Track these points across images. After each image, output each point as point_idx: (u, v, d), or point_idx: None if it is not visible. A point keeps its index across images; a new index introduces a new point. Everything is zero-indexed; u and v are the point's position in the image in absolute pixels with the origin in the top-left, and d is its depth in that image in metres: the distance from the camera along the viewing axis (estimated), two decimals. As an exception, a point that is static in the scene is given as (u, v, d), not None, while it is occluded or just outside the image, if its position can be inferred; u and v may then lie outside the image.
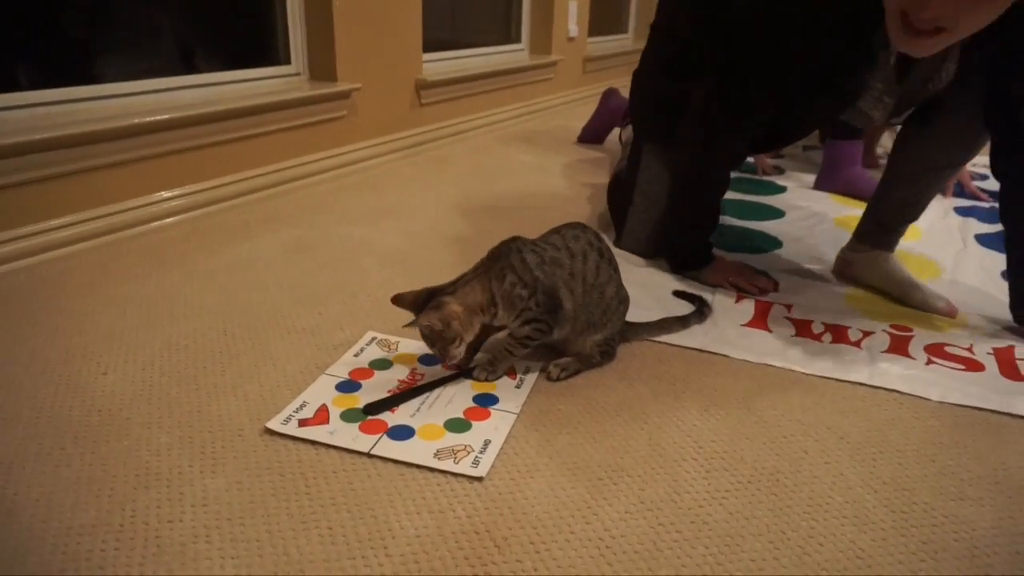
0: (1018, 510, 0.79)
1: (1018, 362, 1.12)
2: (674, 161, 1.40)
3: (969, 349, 1.16)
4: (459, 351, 0.95)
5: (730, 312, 1.26)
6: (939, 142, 1.23)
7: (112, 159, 1.47)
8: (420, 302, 0.95)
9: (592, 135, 2.61)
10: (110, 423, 0.88)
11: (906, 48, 0.97)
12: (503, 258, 0.95)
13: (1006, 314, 1.25)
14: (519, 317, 0.96)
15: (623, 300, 1.04)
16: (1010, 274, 1.22)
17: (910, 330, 1.20)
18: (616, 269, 1.03)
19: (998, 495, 0.82)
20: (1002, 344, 1.16)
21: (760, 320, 1.24)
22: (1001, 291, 1.30)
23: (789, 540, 0.74)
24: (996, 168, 1.17)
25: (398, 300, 0.97)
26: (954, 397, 1.02)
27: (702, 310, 1.22)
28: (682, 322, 1.18)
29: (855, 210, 1.92)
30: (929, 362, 1.11)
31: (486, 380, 0.99)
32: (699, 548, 0.72)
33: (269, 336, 1.11)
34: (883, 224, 1.36)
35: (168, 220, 1.58)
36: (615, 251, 1.22)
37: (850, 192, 2.03)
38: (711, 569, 0.69)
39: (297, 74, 2.02)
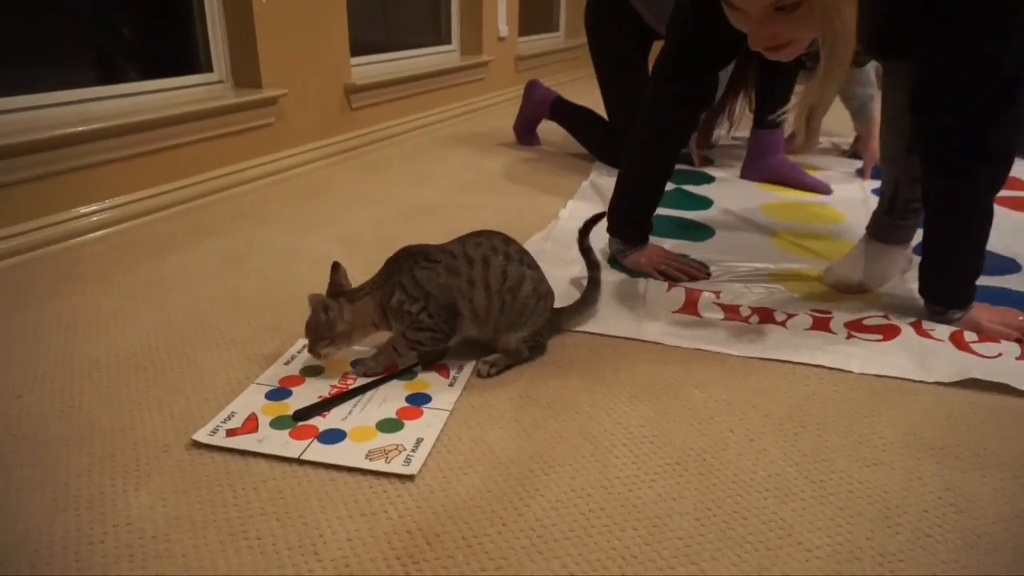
0: (926, 471, 0.83)
1: (928, 331, 1.17)
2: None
3: (886, 317, 1.21)
4: (327, 352, 0.98)
5: (662, 300, 1.29)
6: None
7: (25, 174, 1.42)
8: (331, 288, 1.00)
9: (524, 130, 2.60)
10: (26, 447, 0.84)
11: (771, 58, 1.01)
12: (394, 276, 0.99)
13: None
14: (412, 325, 0.98)
15: (543, 296, 1.04)
16: (922, 262, 1.23)
17: (829, 312, 1.25)
18: (532, 267, 1.03)
19: (908, 458, 0.86)
20: (912, 318, 1.22)
21: (691, 307, 1.27)
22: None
23: (715, 517, 0.76)
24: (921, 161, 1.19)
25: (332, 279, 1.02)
26: (873, 368, 1.06)
27: (595, 276, 1.21)
28: (585, 300, 1.19)
29: (782, 196, 1.99)
30: (849, 336, 1.16)
31: (364, 375, 1.01)
32: (628, 531, 0.73)
33: (196, 349, 1.08)
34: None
35: (88, 236, 1.53)
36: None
37: (776, 179, 2.10)
38: (640, 550, 0.71)
39: (220, 81, 1.98)
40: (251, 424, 0.88)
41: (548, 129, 2.56)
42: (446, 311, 0.98)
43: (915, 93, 1.10)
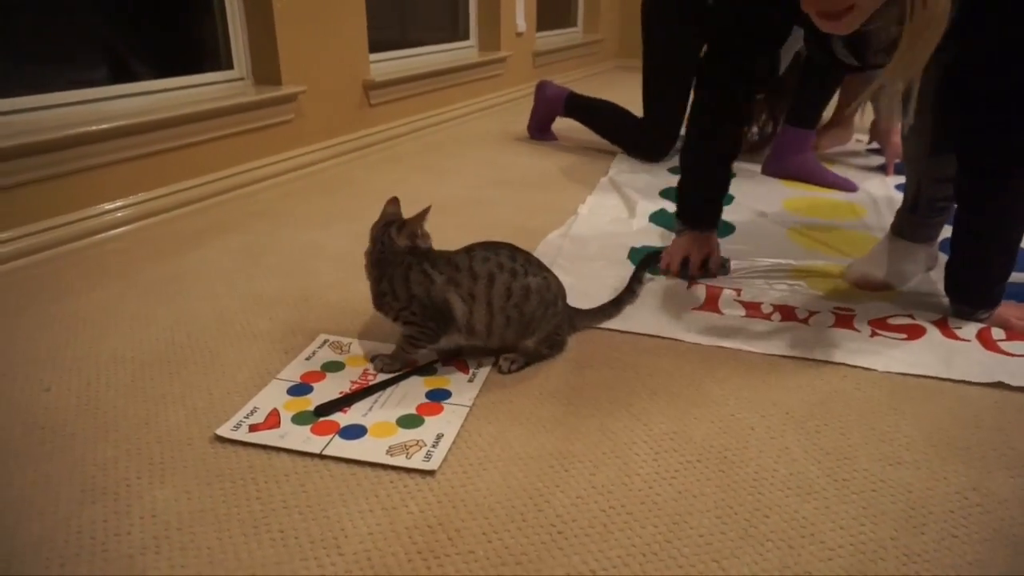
0: (951, 470, 0.82)
1: (954, 329, 1.16)
2: None
3: (910, 316, 1.20)
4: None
5: (682, 297, 1.28)
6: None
7: (49, 172, 1.44)
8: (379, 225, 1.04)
9: (538, 129, 2.59)
10: (53, 440, 0.86)
11: (825, 29, 0.97)
12: (389, 267, 1.00)
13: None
14: (397, 319, 1.00)
15: (551, 302, 1.02)
16: (950, 261, 1.21)
17: (852, 310, 1.23)
18: (537, 273, 1.02)
19: (933, 457, 0.85)
20: (937, 316, 1.20)
21: (712, 304, 1.26)
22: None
23: (736, 514, 0.75)
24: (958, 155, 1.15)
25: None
26: (897, 366, 1.05)
27: (634, 288, 1.24)
28: (616, 305, 1.19)
29: (804, 192, 1.97)
30: (873, 334, 1.15)
31: (382, 371, 1.01)
32: (648, 527, 0.73)
33: (218, 344, 1.09)
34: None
35: (111, 232, 1.55)
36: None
37: (800, 177, 2.07)
38: (660, 547, 0.71)
39: (241, 79, 1.99)
40: (273, 419, 0.89)
41: (563, 125, 2.55)
42: (433, 311, 0.98)
43: (948, 91, 1.06)
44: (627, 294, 1.23)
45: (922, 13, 0.84)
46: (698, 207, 1.40)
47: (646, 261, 1.34)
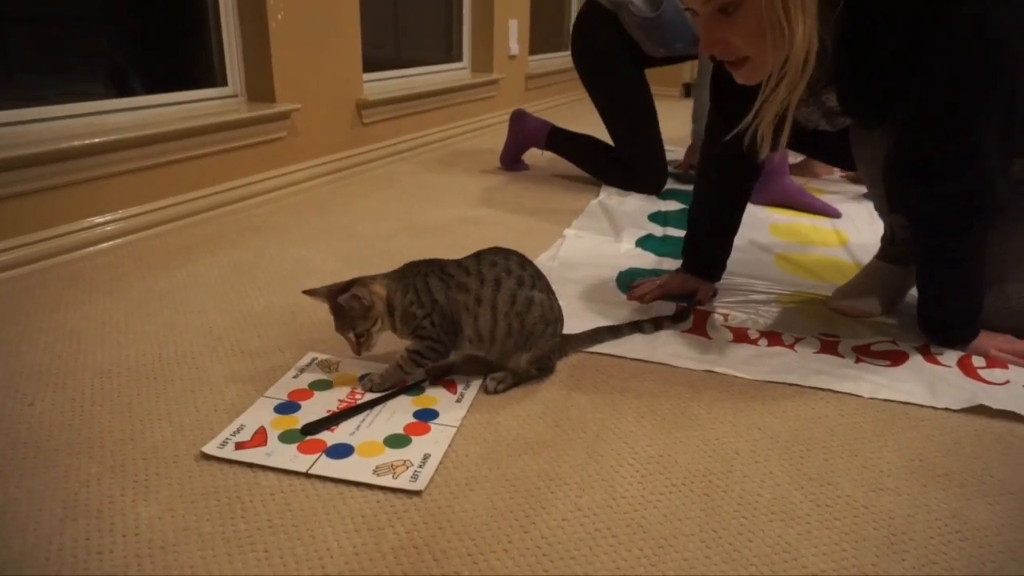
0: (932, 497, 0.83)
1: (936, 356, 1.18)
2: None
3: (893, 343, 1.22)
4: (377, 338, 1.00)
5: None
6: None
7: (41, 184, 1.44)
8: (335, 289, 1.00)
9: (511, 160, 2.53)
10: (36, 455, 0.85)
11: (735, 78, 1.03)
12: (410, 276, 1.00)
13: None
14: (414, 332, 0.99)
15: (552, 322, 1.04)
16: (921, 305, 1.22)
17: (837, 337, 1.25)
18: (544, 290, 1.03)
19: (914, 484, 0.86)
20: (920, 342, 1.22)
21: (699, 328, 1.27)
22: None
23: (720, 538, 0.76)
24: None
25: (311, 292, 1.02)
26: (883, 393, 1.06)
27: (641, 326, 1.24)
28: (612, 332, 1.20)
29: (789, 217, 2.00)
30: (858, 360, 1.16)
31: (371, 391, 1.01)
32: (634, 550, 0.74)
33: (206, 361, 1.09)
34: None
35: (101, 246, 1.55)
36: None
37: (784, 203, 2.10)
38: (645, 570, 0.71)
39: (234, 95, 2.00)
40: (260, 437, 0.89)
41: (534, 153, 2.55)
42: (448, 323, 0.99)
43: (895, 161, 1.08)
44: (628, 327, 1.23)
45: (778, 59, 0.95)
46: (702, 258, 1.42)
47: (679, 316, 1.29)
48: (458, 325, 1.00)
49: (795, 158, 2.35)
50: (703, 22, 0.98)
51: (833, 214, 2.02)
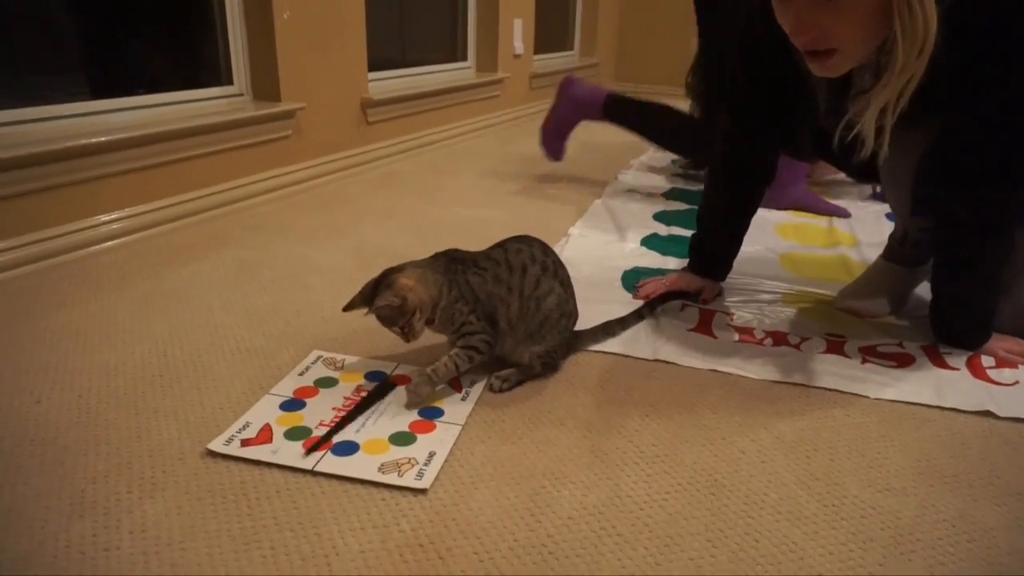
0: (939, 498, 0.83)
1: (944, 356, 1.17)
2: None
3: (900, 344, 1.21)
4: (421, 325, 0.97)
5: (675, 319, 1.29)
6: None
7: (47, 183, 1.44)
8: (368, 294, 0.97)
9: (555, 136, 2.31)
10: (44, 452, 0.85)
11: (814, 70, 0.98)
12: (451, 272, 0.99)
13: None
14: (459, 330, 0.98)
15: (566, 315, 1.05)
16: (935, 308, 1.22)
17: (843, 337, 1.24)
18: (564, 283, 1.05)
19: (920, 484, 0.85)
20: (926, 343, 1.22)
21: (705, 327, 1.27)
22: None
23: (726, 538, 0.76)
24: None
25: (349, 307, 1.00)
26: (889, 394, 1.06)
27: (641, 312, 1.25)
28: (621, 323, 1.21)
29: (796, 217, 1.99)
30: (864, 361, 1.16)
31: (427, 397, 0.98)
32: (639, 549, 0.74)
33: (212, 358, 1.09)
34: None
35: (107, 244, 1.55)
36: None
37: (797, 208, 2.07)
38: (651, 569, 0.71)
39: (240, 94, 2.00)
40: (265, 434, 0.89)
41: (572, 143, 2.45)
42: (489, 319, 1.00)
43: (937, 163, 1.06)
44: (633, 317, 1.24)
45: (911, 46, 0.86)
46: (708, 258, 1.41)
47: (666, 297, 1.33)
48: (495, 319, 1.00)
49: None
50: (798, 7, 0.90)
51: (843, 214, 2.01)
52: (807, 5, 0.89)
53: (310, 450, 0.87)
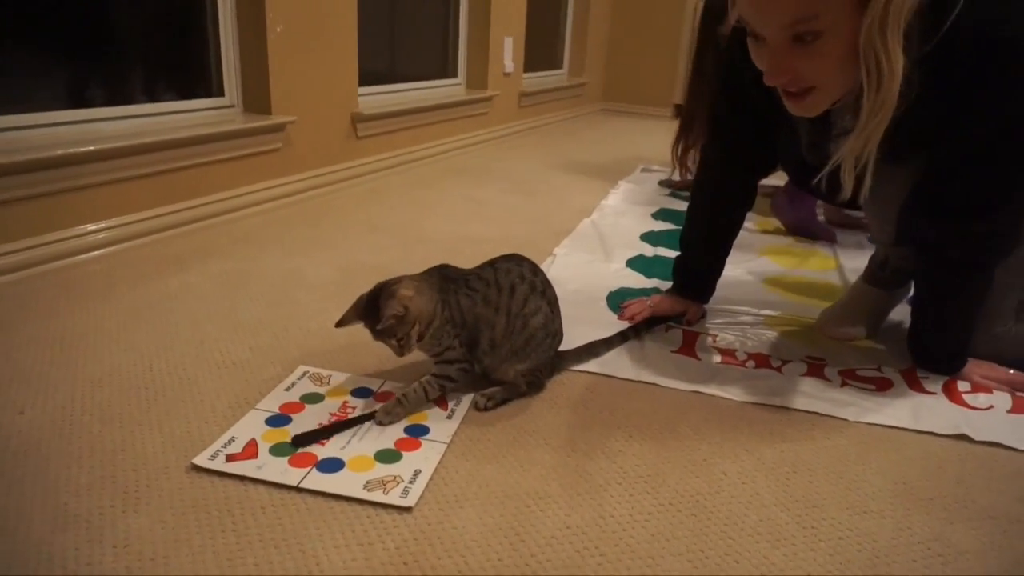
0: (915, 520, 0.85)
1: (921, 380, 1.20)
2: None
3: (878, 369, 1.23)
4: (414, 336, 0.97)
5: (659, 340, 1.31)
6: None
7: (34, 191, 1.44)
8: (362, 309, 0.97)
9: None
10: (26, 463, 0.85)
11: (793, 111, 0.99)
12: (444, 291, 0.99)
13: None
14: (441, 355, 1.00)
15: (551, 334, 1.06)
16: (913, 333, 1.24)
17: (823, 360, 1.26)
18: (551, 303, 1.06)
19: (897, 507, 0.87)
20: (904, 367, 1.24)
21: (688, 348, 1.29)
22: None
23: (707, 559, 0.77)
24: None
25: (342, 323, 1.00)
26: (867, 417, 1.08)
27: (625, 334, 1.27)
28: (606, 344, 1.22)
29: (779, 240, 2.02)
30: (844, 384, 1.18)
31: (392, 422, 0.97)
32: (621, 569, 0.74)
33: (197, 371, 1.09)
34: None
35: (92, 254, 1.55)
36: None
37: (801, 229, 2.08)
38: (633, 589, 0.72)
39: (231, 106, 2.01)
40: (251, 450, 0.89)
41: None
42: (470, 340, 1.01)
43: (924, 198, 1.08)
44: (618, 338, 1.26)
45: (875, 96, 0.87)
46: (692, 280, 1.43)
47: (651, 322, 1.35)
48: (477, 340, 1.01)
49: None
50: (772, 50, 0.91)
51: (830, 239, 2.04)
52: (781, 48, 0.90)
53: (298, 443, 0.89)
